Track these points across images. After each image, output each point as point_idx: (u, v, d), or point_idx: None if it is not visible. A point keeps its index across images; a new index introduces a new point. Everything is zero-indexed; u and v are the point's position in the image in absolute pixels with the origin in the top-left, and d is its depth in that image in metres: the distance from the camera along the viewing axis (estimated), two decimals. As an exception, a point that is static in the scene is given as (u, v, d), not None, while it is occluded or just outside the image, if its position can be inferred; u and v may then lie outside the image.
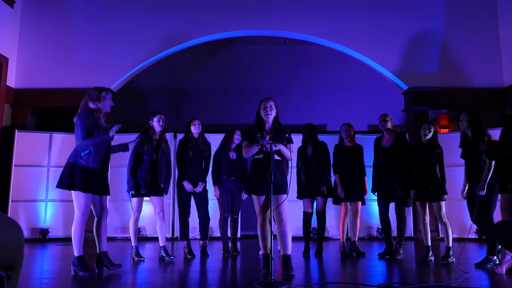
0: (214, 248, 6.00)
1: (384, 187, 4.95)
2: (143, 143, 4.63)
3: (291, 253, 3.67)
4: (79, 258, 3.67)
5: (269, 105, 3.72)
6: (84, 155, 3.64)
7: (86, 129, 3.64)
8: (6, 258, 1.07)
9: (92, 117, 3.70)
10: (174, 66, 9.88)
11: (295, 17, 8.08)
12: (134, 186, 4.59)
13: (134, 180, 4.60)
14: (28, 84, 7.92)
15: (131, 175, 4.62)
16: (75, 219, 3.68)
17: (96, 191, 3.73)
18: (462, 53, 8.02)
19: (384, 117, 5.05)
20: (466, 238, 4.88)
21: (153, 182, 4.66)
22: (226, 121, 9.48)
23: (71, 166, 3.65)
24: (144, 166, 4.62)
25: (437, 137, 4.82)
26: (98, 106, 3.76)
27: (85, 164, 3.64)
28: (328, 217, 6.58)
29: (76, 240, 3.68)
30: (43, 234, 7.32)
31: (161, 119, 4.74)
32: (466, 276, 3.52)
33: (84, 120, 3.66)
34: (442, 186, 4.66)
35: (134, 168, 4.64)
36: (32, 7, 8.17)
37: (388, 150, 4.97)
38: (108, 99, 3.85)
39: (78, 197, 3.64)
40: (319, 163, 5.18)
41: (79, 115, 3.70)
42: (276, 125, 3.74)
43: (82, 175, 3.61)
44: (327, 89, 10.10)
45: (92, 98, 3.77)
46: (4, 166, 7.40)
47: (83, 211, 3.66)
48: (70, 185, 3.62)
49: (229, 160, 5.28)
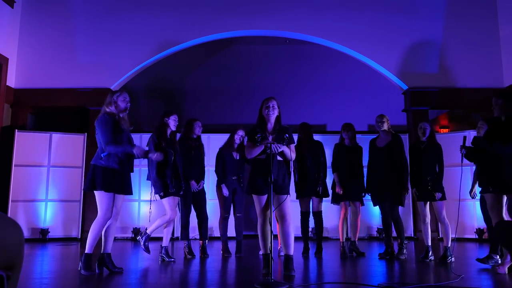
0: (214, 248, 6.00)
1: (377, 187, 4.94)
2: (159, 142, 4.55)
3: (292, 254, 3.66)
4: (87, 256, 3.69)
5: (271, 105, 3.71)
6: (104, 156, 3.69)
7: (108, 133, 3.68)
8: (6, 258, 1.07)
9: (110, 121, 3.73)
10: (174, 66, 9.88)
11: (295, 17, 8.08)
12: (163, 186, 4.52)
13: (161, 180, 4.51)
14: (28, 84, 7.93)
15: (158, 176, 4.51)
16: (97, 218, 3.69)
17: (119, 190, 3.75)
18: (462, 53, 8.02)
19: (381, 118, 5.03)
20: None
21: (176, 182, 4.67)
22: (226, 121, 9.48)
23: (93, 168, 3.71)
24: (169, 165, 4.55)
25: (434, 135, 4.82)
26: (112, 110, 3.80)
27: (106, 164, 3.67)
28: (328, 217, 6.59)
29: (91, 238, 3.70)
30: (43, 234, 7.32)
31: (177, 119, 4.73)
32: (466, 276, 3.52)
33: (103, 125, 3.71)
34: (437, 184, 4.64)
35: (161, 167, 4.53)
36: (32, 7, 8.17)
37: (383, 150, 4.95)
38: (120, 101, 3.84)
39: (100, 196, 3.68)
40: (315, 163, 5.18)
41: (98, 120, 3.77)
42: (278, 125, 3.73)
43: (103, 175, 3.65)
44: (327, 89, 10.10)
45: (106, 103, 3.83)
46: (4, 166, 7.40)
47: (105, 210, 3.68)
48: (92, 186, 3.67)
49: (232, 160, 5.29)
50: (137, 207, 7.81)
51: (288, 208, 3.66)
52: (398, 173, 4.85)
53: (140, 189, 7.72)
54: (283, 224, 3.64)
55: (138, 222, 7.71)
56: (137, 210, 7.80)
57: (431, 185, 4.64)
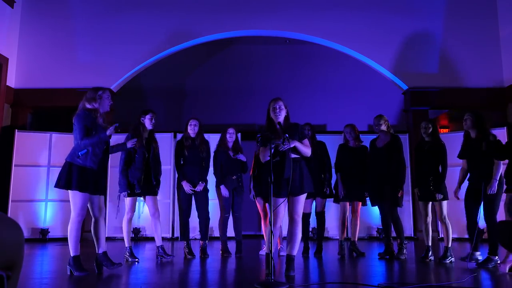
0: (214, 248, 6.00)
1: (376, 187, 4.93)
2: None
3: (295, 254, 3.65)
4: (75, 258, 3.65)
5: (278, 106, 3.69)
6: (82, 155, 3.63)
7: (84, 129, 3.63)
8: (6, 258, 1.07)
9: (90, 117, 3.69)
10: (174, 66, 9.88)
11: (295, 17, 8.08)
12: (127, 186, 4.56)
13: (126, 180, 4.57)
14: (28, 84, 7.93)
15: (123, 175, 4.58)
16: (71, 219, 3.67)
17: (94, 191, 3.71)
18: (462, 53, 8.02)
19: (378, 120, 5.01)
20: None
21: (146, 182, 4.64)
22: (226, 121, 9.46)
23: (68, 165, 3.64)
24: (137, 165, 4.57)
25: (437, 133, 4.79)
26: (94, 106, 3.74)
27: (83, 164, 3.62)
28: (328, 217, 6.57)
29: (72, 240, 3.66)
30: (43, 234, 7.32)
31: (153, 117, 4.73)
32: (466, 276, 3.52)
33: (81, 120, 3.65)
34: (438, 184, 4.63)
35: (126, 167, 4.59)
36: (32, 7, 8.17)
37: (381, 150, 4.93)
38: (105, 98, 3.81)
39: (75, 196, 3.63)
40: (319, 164, 5.18)
41: (77, 115, 3.71)
42: (287, 124, 3.70)
43: (79, 175, 3.60)
44: (327, 89, 10.10)
45: (88, 98, 3.76)
46: (4, 166, 7.40)
47: (79, 211, 3.65)
48: (67, 185, 3.61)
49: (229, 159, 5.25)
50: (137, 207, 7.78)
51: (301, 209, 3.64)
52: (395, 173, 4.84)
53: (140, 189, 7.71)
54: (292, 223, 3.61)
55: (138, 222, 7.71)
56: (137, 210, 7.77)
57: (433, 185, 4.64)
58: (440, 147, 4.72)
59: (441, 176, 4.66)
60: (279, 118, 3.68)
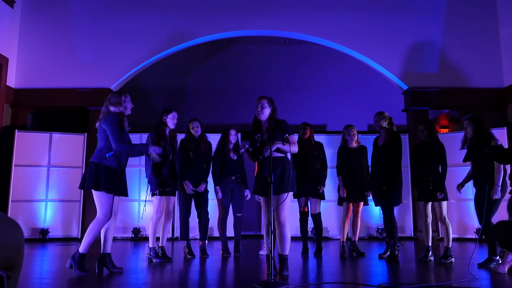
0: (214, 248, 6.00)
1: (376, 186, 4.90)
2: (158, 140, 4.52)
3: (287, 254, 3.64)
4: (81, 256, 3.65)
5: (260, 104, 3.66)
6: (109, 156, 3.64)
7: (120, 131, 3.64)
8: (6, 258, 1.07)
9: (119, 120, 3.70)
10: (174, 66, 9.88)
11: (295, 17, 8.08)
12: (158, 184, 4.53)
13: (157, 179, 4.53)
14: (28, 84, 7.93)
15: (154, 174, 4.52)
16: (97, 219, 3.64)
17: (119, 192, 3.73)
18: (462, 53, 8.01)
19: (379, 117, 4.86)
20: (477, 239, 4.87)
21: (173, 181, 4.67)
22: (226, 121, 9.46)
23: (95, 166, 3.64)
24: (166, 164, 4.54)
25: (434, 134, 4.76)
26: (120, 110, 3.77)
27: (109, 165, 3.64)
28: (328, 217, 6.59)
29: (88, 238, 3.64)
30: (43, 234, 7.32)
31: (176, 116, 4.71)
32: (466, 276, 3.52)
33: (115, 123, 3.66)
34: (438, 184, 4.61)
35: (158, 166, 4.51)
36: (32, 7, 8.17)
37: (381, 148, 4.84)
38: (128, 102, 3.86)
39: (102, 197, 3.63)
40: (315, 163, 5.17)
41: (107, 119, 3.69)
42: (272, 122, 3.65)
43: (107, 176, 3.61)
44: (327, 89, 10.10)
45: (113, 103, 3.78)
46: (4, 166, 7.40)
47: (106, 212, 3.64)
48: (95, 185, 3.60)
49: (230, 160, 5.25)
50: (137, 207, 7.81)
51: (284, 209, 3.56)
52: (391, 172, 4.75)
53: (140, 189, 7.73)
54: (278, 225, 3.56)
55: (138, 222, 7.71)
56: (137, 210, 7.80)
57: (432, 185, 4.63)
58: (439, 147, 4.72)
59: (441, 176, 4.64)
60: (261, 116, 3.67)
